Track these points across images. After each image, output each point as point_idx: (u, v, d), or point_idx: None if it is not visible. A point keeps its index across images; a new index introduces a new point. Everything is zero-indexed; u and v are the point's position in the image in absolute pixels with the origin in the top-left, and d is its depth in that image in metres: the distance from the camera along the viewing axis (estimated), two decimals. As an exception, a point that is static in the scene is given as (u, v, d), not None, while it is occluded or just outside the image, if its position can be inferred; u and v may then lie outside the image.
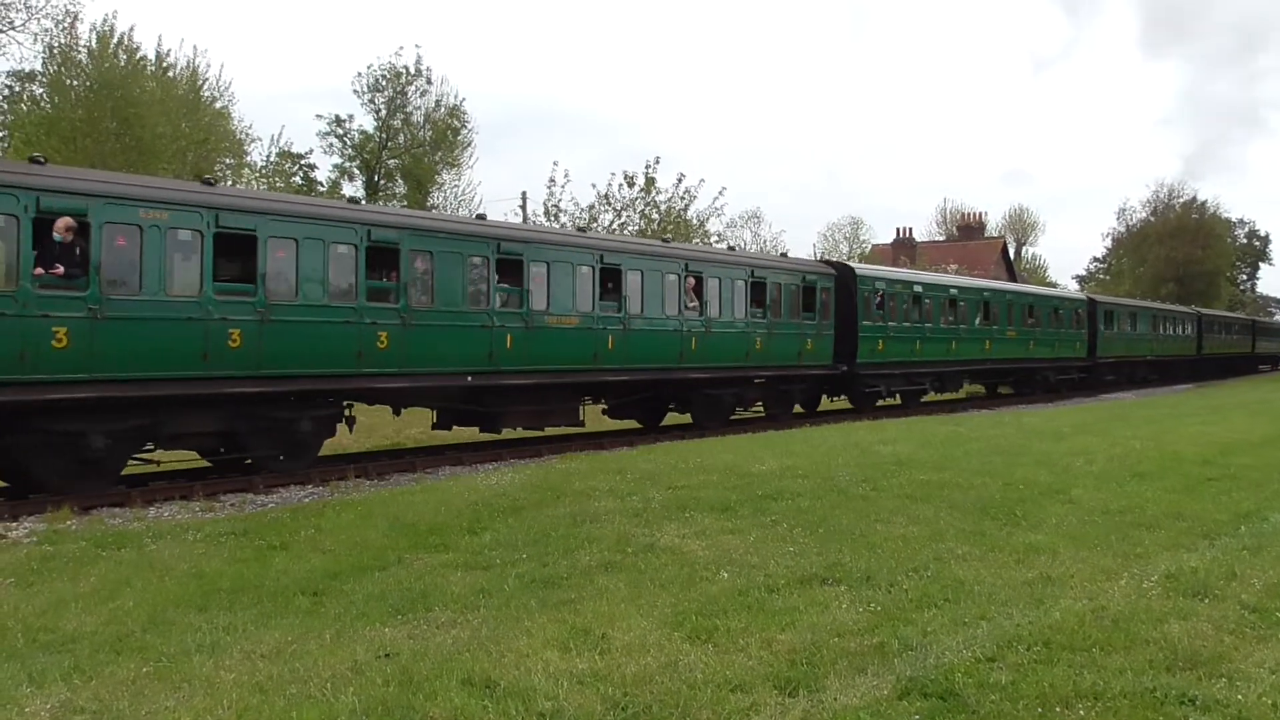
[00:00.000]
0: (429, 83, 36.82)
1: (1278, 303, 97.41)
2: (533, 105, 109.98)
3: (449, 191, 39.01)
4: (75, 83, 29.06)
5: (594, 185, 50.16)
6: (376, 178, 37.39)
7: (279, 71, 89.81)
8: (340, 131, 36.76)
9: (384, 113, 36.87)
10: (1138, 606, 6.46)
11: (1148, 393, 37.19)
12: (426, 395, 15.95)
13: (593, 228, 35.09)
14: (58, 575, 8.10)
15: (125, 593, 7.41)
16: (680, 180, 37.24)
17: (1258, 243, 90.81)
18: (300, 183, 34.75)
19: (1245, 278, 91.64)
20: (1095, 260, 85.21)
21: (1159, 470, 12.63)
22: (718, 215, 39.79)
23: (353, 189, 37.16)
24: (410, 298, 14.96)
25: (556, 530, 8.99)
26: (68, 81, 29.07)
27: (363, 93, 36.67)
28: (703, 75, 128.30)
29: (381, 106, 36.81)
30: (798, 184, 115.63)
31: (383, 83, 36.47)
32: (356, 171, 37.39)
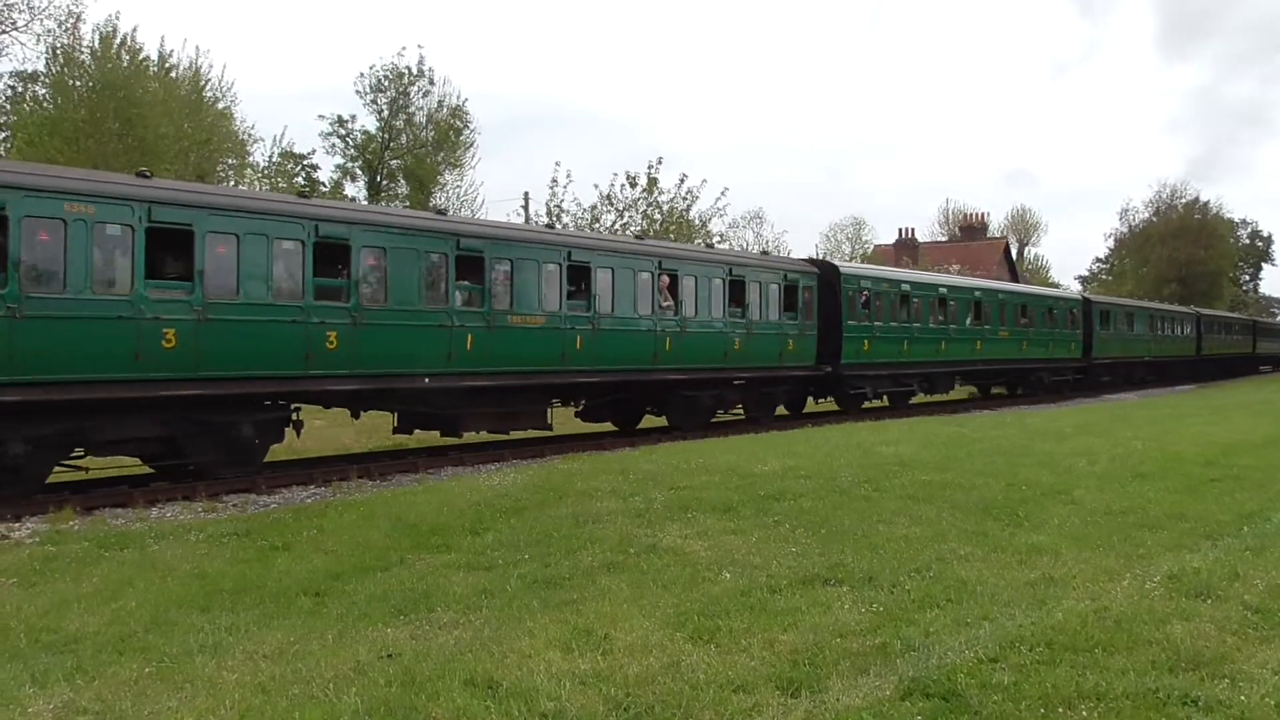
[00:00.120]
0: (431, 83, 36.88)
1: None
2: (534, 105, 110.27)
3: (451, 192, 39.03)
4: (78, 83, 29.12)
5: (596, 186, 50.04)
6: (379, 178, 37.41)
7: (281, 72, 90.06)
8: (343, 132, 36.82)
9: (386, 113, 36.90)
10: (1140, 607, 6.46)
11: (1149, 393, 37.15)
12: (380, 398, 15.31)
13: (595, 228, 35.06)
14: (60, 575, 8.12)
15: (128, 593, 7.43)
16: (683, 180, 37.20)
17: (1260, 243, 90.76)
18: (303, 183, 34.74)
19: (1248, 278, 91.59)
20: (1098, 261, 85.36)
21: (1161, 471, 12.63)
22: (720, 216, 39.58)
23: (355, 189, 37.27)
24: (362, 296, 14.32)
25: (559, 531, 9.00)
26: (70, 82, 29.13)
27: (365, 93, 36.74)
28: (706, 75, 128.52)
29: (384, 107, 36.85)
30: (799, 184, 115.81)
31: (385, 83, 36.51)
32: (359, 172, 37.43)
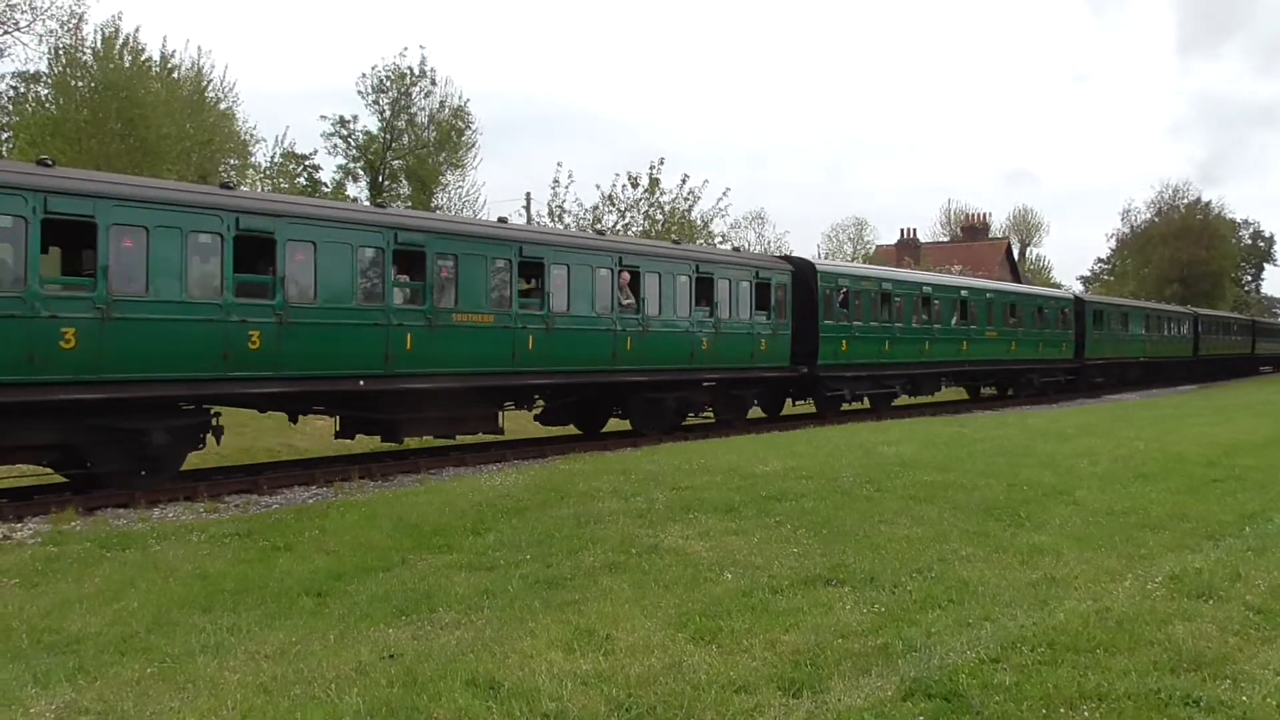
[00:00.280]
0: (433, 84, 36.78)
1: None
2: (534, 105, 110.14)
3: (453, 192, 39.02)
4: (80, 84, 29.11)
5: (598, 186, 50.04)
6: (381, 178, 37.38)
7: (283, 72, 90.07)
8: (345, 132, 36.76)
9: (388, 114, 36.83)
10: (1142, 608, 6.45)
11: (1151, 394, 37.12)
12: (309, 401, 14.55)
13: (597, 228, 35.04)
14: (62, 576, 8.13)
15: (130, 593, 7.43)
16: (684, 181, 37.18)
17: (1262, 243, 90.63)
18: (305, 183, 34.74)
19: (1250, 279, 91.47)
20: (1100, 261, 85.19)
21: (1163, 471, 12.62)
22: (722, 216, 39.49)
23: (357, 190, 37.25)
24: (288, 293, 13.49)
25: (560, 531, 9.00)
26: (73, 83, 29.12)
27: (367, 93, 36.66)
28: (706, 75, 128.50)
29: (386, 107, 36.78)
30: (800, 185, 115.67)
31: (387, 84, 36.45)
32: (361, 172, 37.41)
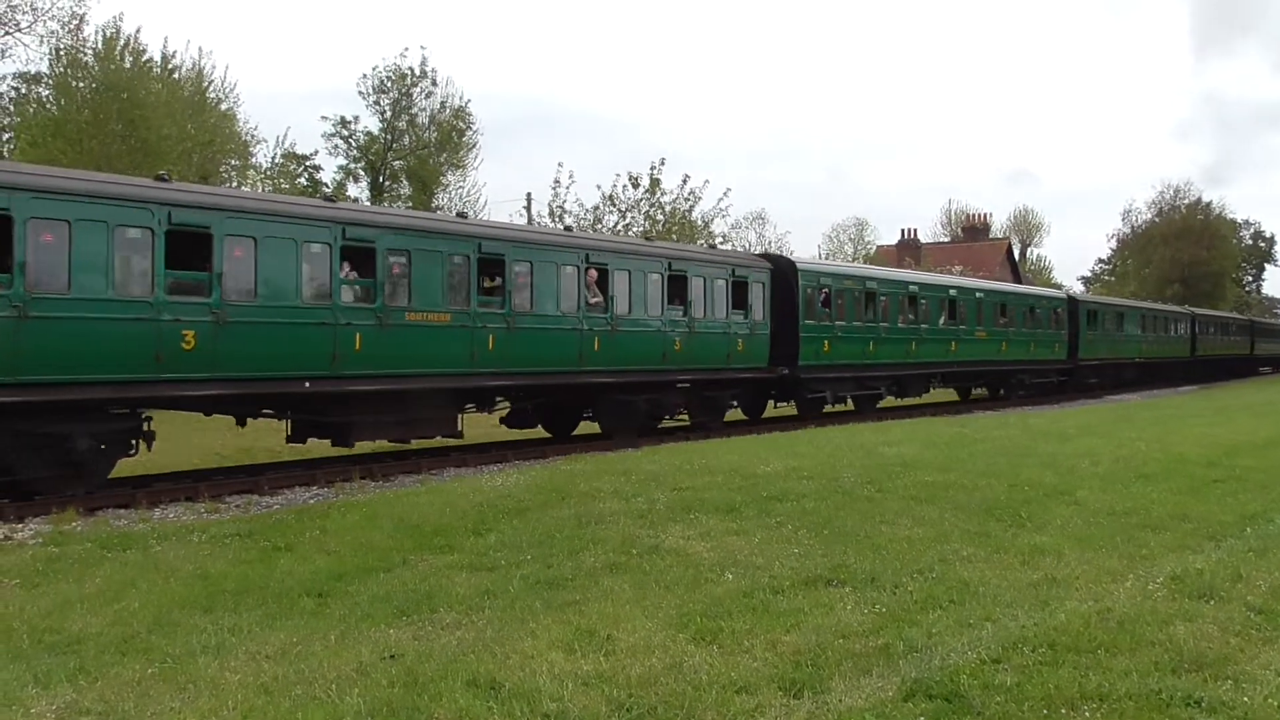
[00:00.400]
0: (434, 84, 36.86)
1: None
2: (534, 105, 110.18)
3: (454, 193, 39.07)
4: (81, 85, 29.15)
5: (599, 187, 50.04)
6: (382, 179, 37.44)
7: (284, 73, 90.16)
8: (345, 133, 36.84)
9: (389, 114, 36.90)
10: (1143, 608, 6.45)
11: (1152, 394, 37.10)
12: (253, 403, 14.01)
13: (597, 229, 35.05)
14: (63, 576, 8.13)
15: (130, 594, 7.43)
16: (685, 181, 37.20)
17: (1263, 244, 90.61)
18: (305, 184, 34.76)
19: (1251, 279, 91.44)
20: (1100, 262, 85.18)
21: (1164, 472, 12.61)
22: (723, 216, 39.51)
23: (358, 190, 37.29)
24: (225, 291, 12.83)
25: (561, 531, 9.00)
26: (73, 83, 29.16)
27: (368, 94, 36.73)
28: (707, 75, 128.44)
29: (387, 108, 36.85)
30: (801, 185, 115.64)
31: (388, 84, 36.51)
32: (362, 173, 37.47)
